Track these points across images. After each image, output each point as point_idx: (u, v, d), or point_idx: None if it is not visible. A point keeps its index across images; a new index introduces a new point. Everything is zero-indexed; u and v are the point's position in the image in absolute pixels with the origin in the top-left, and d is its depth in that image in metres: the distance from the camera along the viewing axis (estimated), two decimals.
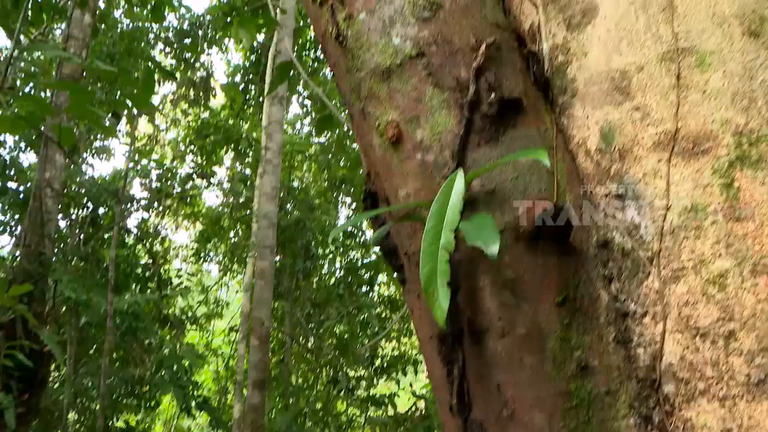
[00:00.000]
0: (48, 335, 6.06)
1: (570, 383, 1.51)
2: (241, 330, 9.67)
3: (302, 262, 9.37)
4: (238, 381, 9.39)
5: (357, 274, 10.22)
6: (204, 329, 13.01)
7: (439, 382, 1.72)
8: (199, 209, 12.78)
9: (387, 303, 10.64)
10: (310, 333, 10.02)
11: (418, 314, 1.81)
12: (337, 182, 11.03)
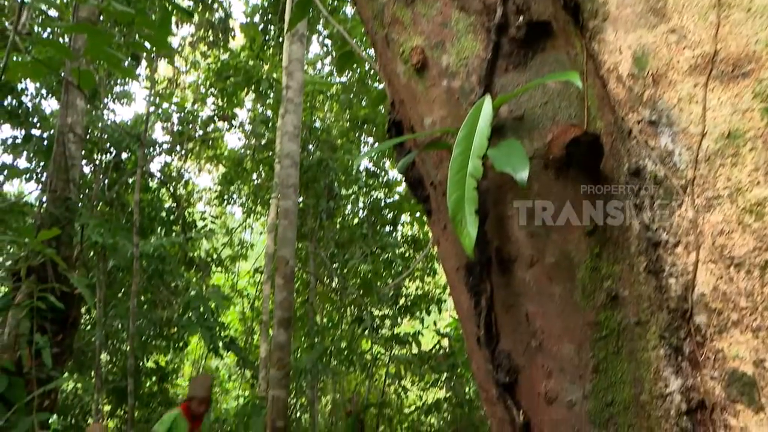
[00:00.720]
0: (77, 278, 6.15)
1: (599, 313, 1.49)
2: (266, 271, 9.78)
3: (325, 202, 9.36)
4: (263, 321, 9.56)
5: (380, 213, 10.21)
6: (229, 271, 13.17)
7: (466, 314, 1.71)
8: (221, 152, 12.79)
9: (410, 242, 10.66)
10: (334, 273, 10.09)
11: (444, 245, 1.78)
12: (359, 122, 10.94)
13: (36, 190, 9.92)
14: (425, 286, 10.80)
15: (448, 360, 7.72)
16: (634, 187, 1.49)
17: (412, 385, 9.56)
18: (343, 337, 10.05)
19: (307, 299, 10.35)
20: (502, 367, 1.59)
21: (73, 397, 10.26)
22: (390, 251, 9.58)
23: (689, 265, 1.41)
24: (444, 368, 7.72)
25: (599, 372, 1.48)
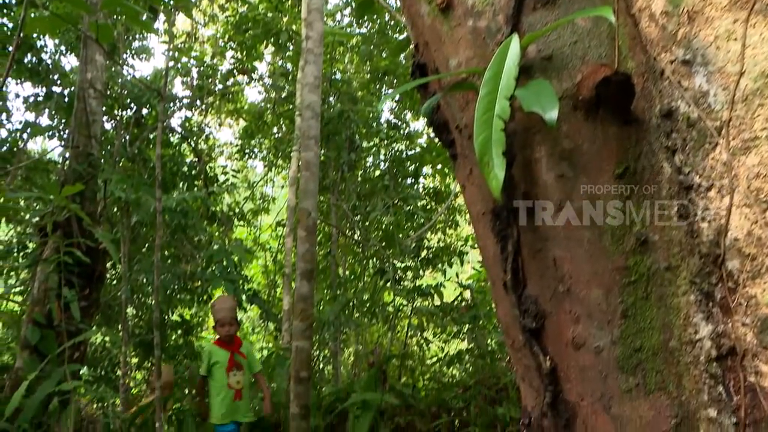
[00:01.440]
0: (102, 233, 6.22)
1: (629, 258, 1.46)
2: (288, 224, 9.83)
3: (347, 154, 9.32)
4: (286, 274, 9.63)
5: (402, 166, 10.16)
6: (251, 225, 13.27)
7: (492, 260, 1.69)
8: (241, 106, 12.76)
9: (432, 195, 10.63)
10: (356, 225, 10.10)
11: (470, 190, 1.76)
12: (379, 74, 10.81)
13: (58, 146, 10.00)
14: (447, 239, 10.80)
15: (470, 312, 7.74)
16: (666, 129, 1.45)
17: (434, 336, 9.63)
18: (365, 289, 10.12)
19: (329, 252, 10.40)
20: (528, 313, 1.58)
21: (102, 350, 10.48)
22: (412, 203, 9.56)
23: (722, 209, 1.37)
24: (466, 320, 7.74)
25: (628, 317, 1.46)
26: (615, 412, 1.49)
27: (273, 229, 13.18)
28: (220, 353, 5.61)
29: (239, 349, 5.70)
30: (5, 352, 8.86)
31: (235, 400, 5.52)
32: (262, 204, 13.62)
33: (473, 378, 7.44)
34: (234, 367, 5.60)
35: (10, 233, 9.61)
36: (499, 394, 6.86)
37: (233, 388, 5.53)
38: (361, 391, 6.41)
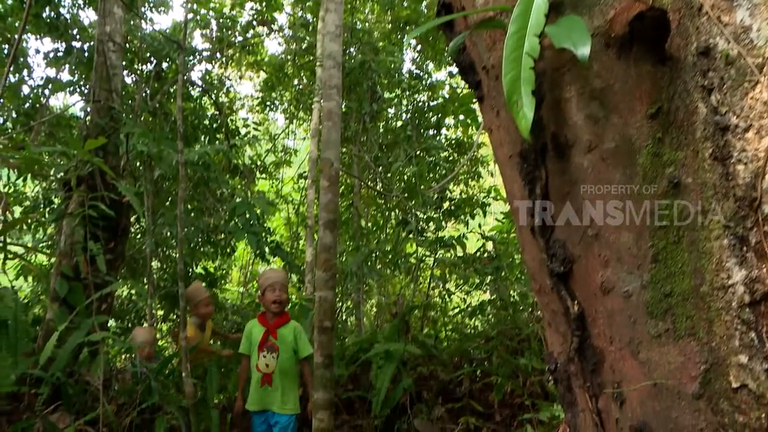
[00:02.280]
0: (125, 186, 6.25)
1: (660, 201, 1.42)
2: (310, 176, 9.83)
3: (368, 105, 9.24)
4: (308, 225, 9.67)
5: (424, 116, 10.06)
6: (273, 177, 13.30)
7: (518, 203, 1.67)
8: (261, 58, 12.66)
9: (454, 146, 10.54)
10: (379, 176, 10.07)
11: (496, 133, 1.72)
12: (400, 24, 10.65)
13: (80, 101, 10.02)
14: (470, 190, 10.75)
15: (493, 263, 7.72)
16: (703, 68, 1.39)
17: (456, 288, 9.65)
18: (387, 241, 10.13)
19: (351, 203, 10.41)
20: (556, 257, 1.56)
21: (128, 303, 10.66)
22: (434, 154, 9.50)
23: (761, 150, 1.33)
24: (489, 271, 7.74)
25: (658, 262, 1.43)
26: (643, 358, 1.48)
27: (295, 181, 13.20)
28: (257, 329, 5.15)
29: (279, 329, 5.16)
30: (36, 305, 9.04)
31: (263, 386, 5.00)
32: (284, 156, 13.63)
33: (495, 329, 7.46)
34: (265, 347, 5.06)
35: (36, 189, 9.72)
36: (521, 345, 6.88)
37: (261, 372, 5.02)
38: (383, 342, 6.46)
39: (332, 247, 4.91)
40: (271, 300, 5.08)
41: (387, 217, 10.67)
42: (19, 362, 4.91)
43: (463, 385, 6.67)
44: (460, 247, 8.19)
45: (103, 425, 4.43)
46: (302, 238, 12.69)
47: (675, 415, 1.47)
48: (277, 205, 12.62)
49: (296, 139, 14.57)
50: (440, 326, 8.92)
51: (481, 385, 6.67)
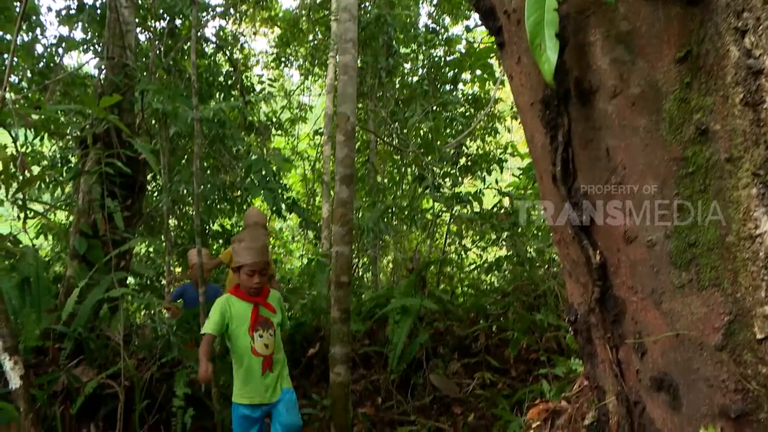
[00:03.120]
0: (141, 144, 6.24)
1: (687, 148, 1.38)
2: (326, 132, 9.78)
3: (384, 60, 9.12)
4: (325, 181, 9.67)
5: (441, 71, 9.93)
6: (289, 134, 13.25)
7: (540, 152, 1.63)
8: (275, 13, 12.50)
9: (471, 101, 10.43)
10: (395, 131, 10.00)
11: (518, 79, 1.67)
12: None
13: (93, 59, 9.97)
14: (486, 146, 10.67)
15: (510, 218, 7.68)
16: (737, 8, 1.33)
17: (472, 244, 9.65)
18: (404, 196, 10.11)
19: (367, 159, 10.37)
20: (578, 205, 1.53)
21: (146, 260, 10.77)
22: (451, 110, 9.39)
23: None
24: (505, 227, 7.70)
25: (683, 211, 1.40)
26: (666, 308, 1.45)
27: (311, 137, 13.16)
28: (239, 305, 4.07)
29: (266, 300, 4.20)
30: (57, 263, 9.14)
31: (264, 374, 4.03)
32: (300, 113, 13.56)
33: (511, 285, 7.46)
34: (258, 324, 4.07)
35: (53, 148, 9.76)
36: (537, 301, 6.89)
37: (260, 355, 4.03)
38: (400, 297, 6.48)
39: (349, 202, 4.88)
40: (250, 285, 4.05)
41: (403, 172, 10.63)
42: (43, 318, 4.99)
43: (479, 340, 6.70)
44: (477, 202, 8.14)
45: (124, 379, 4.50)
46: (318, 195, 12.70)
47: (696, 366, 1.45)
48: (293, 161, 12.60)
49: (311, 95, 14.48)
50: (456, 282, 8.94)
51: (496, 341, 6.70)
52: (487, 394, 5.94)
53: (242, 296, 4.10)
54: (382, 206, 8.46)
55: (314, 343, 6.28)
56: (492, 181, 8.85)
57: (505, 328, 6.57)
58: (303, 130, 13.96)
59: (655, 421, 1.57)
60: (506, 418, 4.83)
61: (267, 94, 10.45)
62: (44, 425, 4.32)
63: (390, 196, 10.33)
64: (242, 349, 4.03)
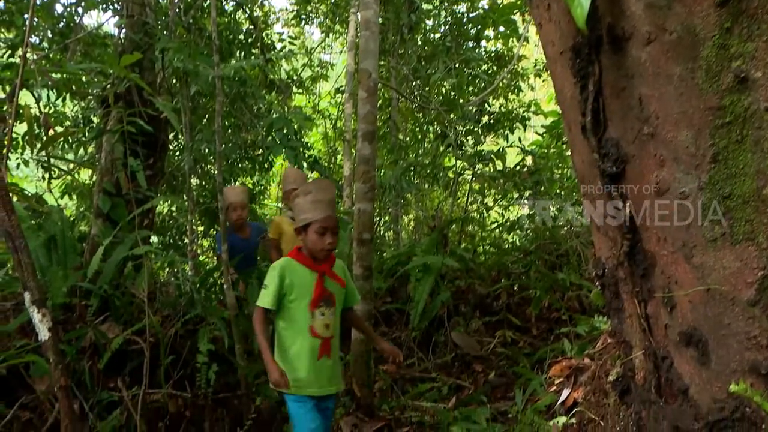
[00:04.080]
0: (162, 102, 6.22)
1: (724, 97, 1.33)
2: (347, 89, 9.69)
3: (406, 16, 8.98)
4: (346, 140, 9.62)
5: (463, 28, 9.75)
6: (310, 92, 13.17)
7: (569, 103, 1.58)
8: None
9: (494, 58, 10.25)
10: (417, 89, 9.88)
11: (547, 28, 1.62)
12: None
13: (112, 17, 9.92)
14: (509, 104, 10.53)
15: (532, 177, 7.61)
16: None
17: (494, 203, 9.60)
18: (426, 154, 10.04)
19: (389, 117, 10.28)
20: (608, 157, 1.49)
21: (169, 219, 10.85)
22: (474, 67, 9.25)
23: None
24: (528, 185, 7.64)
25: (718, 162, 1.35)
26: (697, 262, 1.42)
27: (332, 95, 13.06)
28: (302, 273, 3.36)
29: (332, 269, 3.48)
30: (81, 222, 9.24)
31: (320, 359, 3.34)
32: (321, 71, 13.44)
33: (533, 244, 7.43)
34: (322, 299, 3.36)
35: (75, 109, 9.80)
36: (560, 260, 6.86)
37: (319, 337, 3.35)
38: (422, 255, 6.47)
39: (371, 159, 4.85)
40: (321, 247, 3.32)
41: (425, 130, 10.52)
42: (69, 276, 5.04)
43: (500, 299, 6.70)
44: (500, 161, 8.07)
45: (149, 335, 4.56)
46: (340, 153, 12.65)
47: (727, 321, 1.42)
48: (314, 120, 12.53)
49: (332, 53, 14.32)
50: (478, 241, 8.92)
51: (518, 299, 6.70)
52: (508, 353, 5.96)
53: (306, 262, 3.38)
54: (404, 164, 8.40)
55: None
56: (515, 140, 8.75)
57: (526, 286, 6.56)
58: (324, 89, 13.86)
59: (682, 377, 1.55)
60: (527, 376, 4.84)
61: (288, 52, 10.34)
62: (74, 379, 4.41)
63: (412, 154, 10.26)
64: (298, 328, 3.35)
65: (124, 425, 4.39)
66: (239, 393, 5.10)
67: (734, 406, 1.44)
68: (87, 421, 4.28)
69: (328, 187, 3.53)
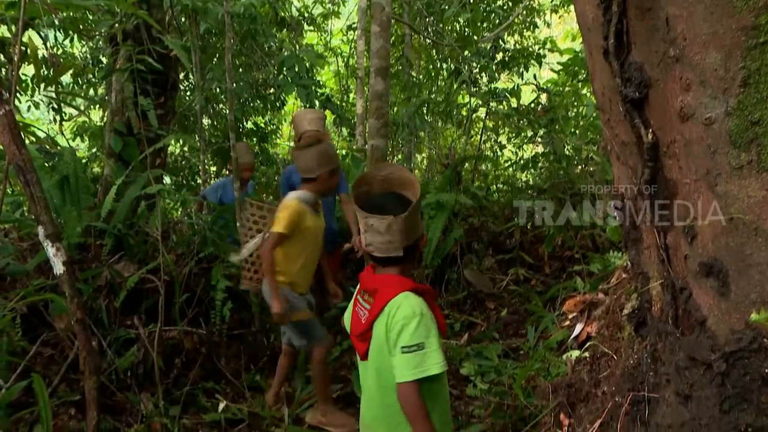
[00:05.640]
0: (172, 40, 6.13)
1: (759, 16, 1.26)
2: (359, 26, 9.51)
3: None
4: (359, 77, 9.49)
5: None
6: (321, 30, 12.93)
7: (591, 25, 1.52)
8: None
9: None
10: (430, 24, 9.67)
11: None
12: None
13: None
14: (524, 41, 10.31)
15: (547, 114, 7.49)
16: None
17: (508, 141, 9.50)
18: (439, 92, 9.90)
19: (402, 54, 10.11)
20: (631, 81, 1.43)
21: (182, 160, 10.85)
22: (488, 2, 9.02)
23: None
24: (543, 123, 7.52)
25: (748, 86, 1.29)
26: (720, 191, 1.38)
27: (344, 33, 12.83)
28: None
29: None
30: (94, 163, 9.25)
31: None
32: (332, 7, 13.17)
33: (547, 182, 7.36)
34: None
35: (83, 49, 9.69)
36: (573, 199, 6.81)
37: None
38: (435, 192, 6.43)
39: (384, 95, 4.79)
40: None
41: (439, 67, 10.34)
42: (83, 216, 5.06)
43: (513, 237, 6.69)
44: (514, 98, 7.94)
45: (164, 273, 4.59)
46: (352, 91, 12.51)
47: (749, 251, 1.39)
48: (326, 57, 12.34)
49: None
50: (491, 179, 8.86)
51: (531, 238, 6.68)
52: (521, 290, 5.98)
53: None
54: (417, 101, 8.28)
55: (349, 238, 6.33)
56: (530, 77, 8.59)
57: (540, 225, 6.53)
58: (336, 26, 13.61)
59: (701, 307, 1.52)
60: (539, 314, 4.86)
61: None
62: (91, 317, 4.47)
63: (425, 91, 10.12)
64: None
65: (141, 361, 4.46)
66: (254, 330, 5.17)
67: (752, 337, 1.42)
68: (105, 357, 4.36)
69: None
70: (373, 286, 2.27)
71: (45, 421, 3.57)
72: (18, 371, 3.96)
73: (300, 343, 4.14)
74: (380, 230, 2.15)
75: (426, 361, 2.10)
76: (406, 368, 2.09)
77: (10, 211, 5.44)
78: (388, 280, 2.25)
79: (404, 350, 2.10)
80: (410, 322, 2.10)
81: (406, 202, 2.23)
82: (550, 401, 2.72)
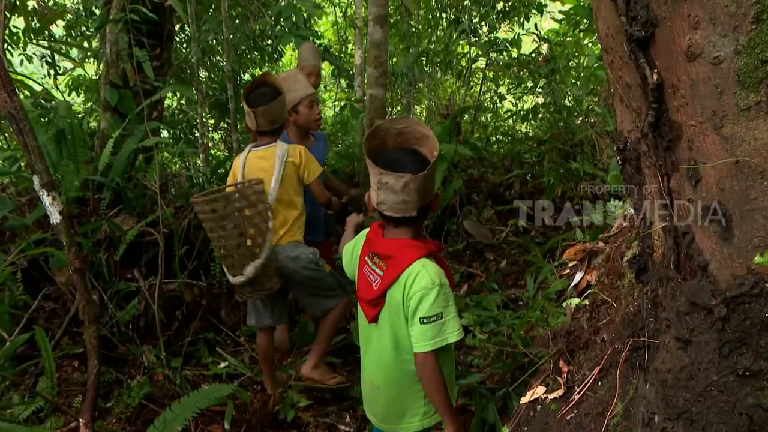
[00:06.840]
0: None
1: None
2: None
3: None
4: (357, 27, 9.35)
5: None
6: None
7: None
8: None
9: None
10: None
11: None
12: None
13: None
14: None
15: (548, 64, 7.39)
16: None
17: (508, 92, 9.40)
18: (438, 41, 9.76)
19: (401, 2, 9.95)
20: (637, 19, 1.38)
21: (179, 112, 10.75)
22: None
23: None
24: (543, 73, 7.43)
25: (761, 22, 1.24)
26: (727, 133, 1.35)
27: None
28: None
29: None
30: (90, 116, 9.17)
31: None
32: None
33: (548, 133, 7.31)
34: None
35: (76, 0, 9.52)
36: (574, 150, 6.77)
37: None
38: None
39: (382, 44, 4.71)
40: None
41: (438, 17, 10.18)
42: (80, 169, 5.03)
43: (513, 188, 6.67)
44: (515, 48, 7.82)
45: (163, 226, 4.59)
46: (351, 42, 12.34)
47: (755, 195, 1.36)
48: (323, 8, 12.15)
49: None
50: (491, 130, 8.80)
51: (531, 188, 6.66)
52: (520, 241, 5.98)
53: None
54: (416, 51, 8.16)
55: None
56: (531, 27, 8.45)
57: (540, 175, 6.50)
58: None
59: (703, 252, 1.51)
60: (539, 264, 4.87)
61: None
62: (92, 271, 4.48)
63: (424, 41, 9.97)
64: None
65: (142, 314, 4.49)
66: None
67: (753, 282, 1.41)
68: (107, 310, 4.38)
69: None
70: (386, 251, 2.20)
71: (49, 372, 3.61)
72: (21, 325, 3.99)
73: (327, 304, 3.76)
74: (395, 189, 2.02)
75: (444, 330, 2.12)
76: (425, 338, 2.10)
77: (7, 166, 5.41)
78: (402, 244, 2.18)
79: (423, 321, 2.09)
80: (429, 293, 2.08)
81: (422, 159, 2.12)
82: (549, 349, 2.74)
